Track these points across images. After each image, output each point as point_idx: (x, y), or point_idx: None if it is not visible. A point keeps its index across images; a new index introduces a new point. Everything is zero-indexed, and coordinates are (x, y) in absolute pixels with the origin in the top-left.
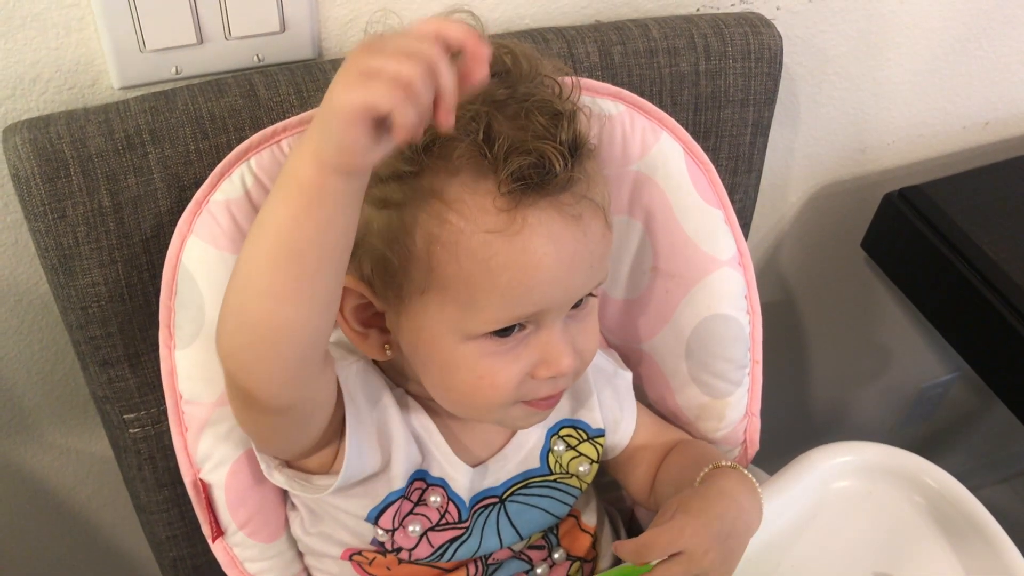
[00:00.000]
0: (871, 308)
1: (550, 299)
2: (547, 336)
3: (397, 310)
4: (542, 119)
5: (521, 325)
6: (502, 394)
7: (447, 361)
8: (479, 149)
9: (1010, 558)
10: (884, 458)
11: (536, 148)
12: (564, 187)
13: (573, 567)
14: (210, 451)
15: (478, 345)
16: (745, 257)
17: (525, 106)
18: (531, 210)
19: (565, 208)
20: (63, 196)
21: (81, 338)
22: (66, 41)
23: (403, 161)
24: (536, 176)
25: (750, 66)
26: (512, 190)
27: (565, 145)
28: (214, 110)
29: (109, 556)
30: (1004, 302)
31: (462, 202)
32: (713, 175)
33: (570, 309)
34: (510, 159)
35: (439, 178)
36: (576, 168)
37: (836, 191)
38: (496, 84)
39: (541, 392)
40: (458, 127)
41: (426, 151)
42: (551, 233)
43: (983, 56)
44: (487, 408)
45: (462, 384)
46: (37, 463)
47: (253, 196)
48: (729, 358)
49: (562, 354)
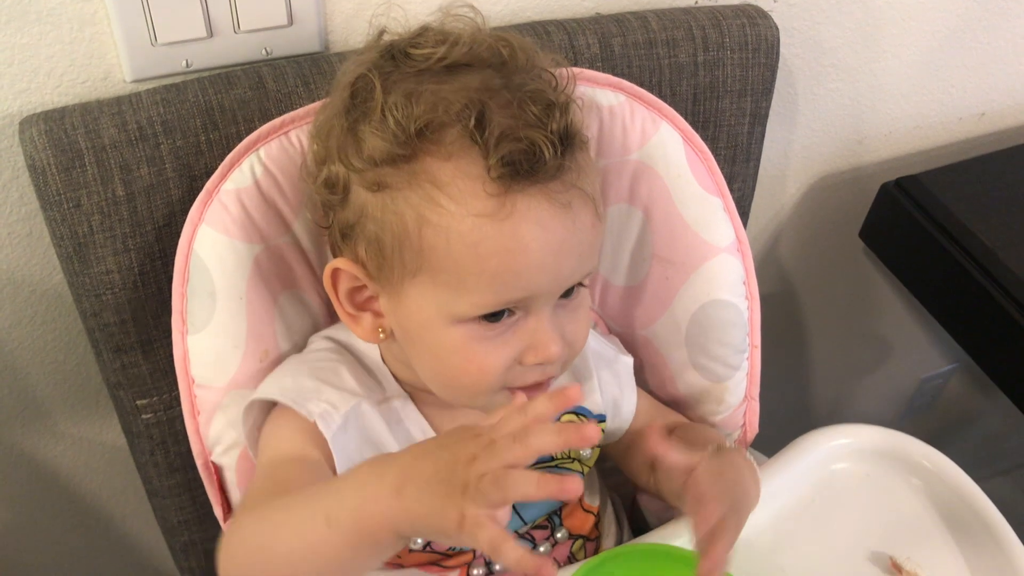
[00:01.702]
0: (870, 299)
1: (538, 285)
2: (536, 323)
3: (389, 293)
4: (535, 108)
5: (510, 311)
6: (489, 379)
7: (437, 344)
8: (471, 135)
9: (1005, 538)
10: (882, 440)
11: (527, 136)
12: (554, 175)
13: (576, 544)
14: (221, 434)
15: (467, 329)
16: (743, 244)
17: (519, 95)
18: (520, 196)
19: (555, 196)
20: (78, 185)
21: (95, 325)
22: (79, 35)
23: (397, 145)
24: (526, 163)
25: (747, 57)
26: (502, 175)
27: (556, 134)
28: (224, 102)
29: (120, 545)
30: (1000, 290)
31: (453, 186)
32: (712, 163)
33: (560, 298)
34: (500, 145)
35: (431, 162)
36: (567, 157)
37: (834, 182)
38: (492, 74)
39: (529, 379)
40: (451, 113)
41: (419, 136)
42: (540, 219)
43: (979, 48)
44: (474, 392)
45: (451, 367)
46: (49, 452)
47: (262, 185)
48: (728, 343)
49: (550, 341)
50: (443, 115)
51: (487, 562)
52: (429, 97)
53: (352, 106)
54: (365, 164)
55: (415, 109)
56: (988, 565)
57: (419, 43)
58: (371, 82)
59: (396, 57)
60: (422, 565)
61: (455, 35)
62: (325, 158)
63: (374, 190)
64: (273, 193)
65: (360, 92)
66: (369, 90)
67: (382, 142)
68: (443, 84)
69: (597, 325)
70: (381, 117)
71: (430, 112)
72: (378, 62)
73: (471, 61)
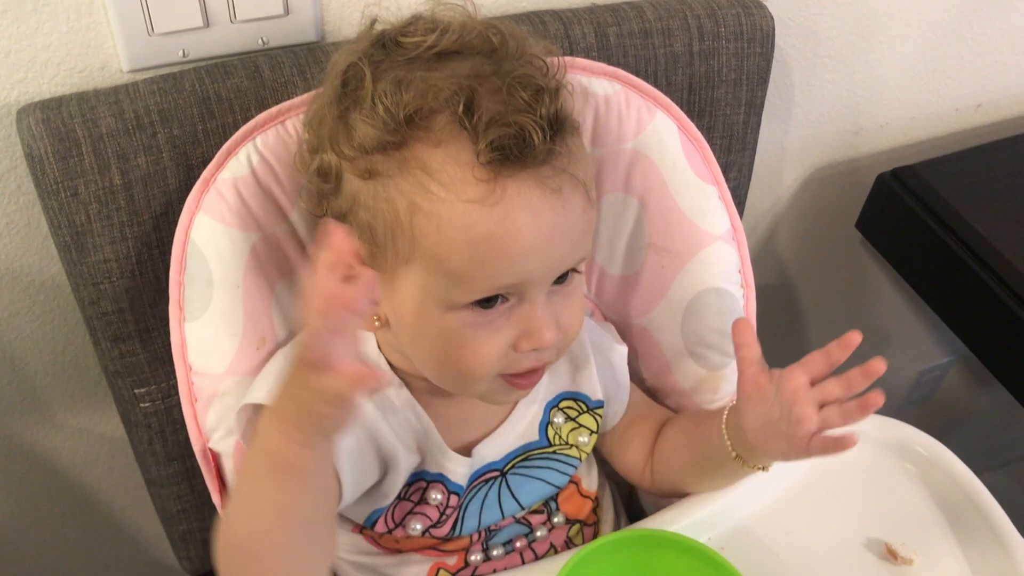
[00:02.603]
0: (868, 291)
1: (530, 270)
2: (530, 309)
3: (384, 282)
4: (524, 94)
5: (504, 298)
6: (485, 365)
7: (431, 332)
8: (460, 120)
9: (999, 523)
10: (876, 428)
11: (516, 121)
12: (544, 160)
13: (573, 529)
14: (219, 421)
15: (461, 316)
16: (739, 232)
17: (508, 81)
18: (510, 181)
19: (545, 181)
20: (76, 174)
21: (93, 314)
22: (76, 25)
23: (387, 132)
24: (515, 148)
25: (743, 46)
26: (491, 160)
27: (545, 119)
28: (220, 91)
29: (119, 534)
30: (996, 279)
31: (443, 172)
32: (707, 152)
33: (554, 284)
34: (490, 130)
35: (421, 148)
36: (557, 142)
37: (831, 173)
38: (482, 61)
39: (524, 365)
40: (440, 100)
41: (408, 122)
42: (530, 204)
43: (975, 39)
44: (470, 379)
45: (446, 355)
46: (48, 443)
47: (259, 174)
48: (724, 330)
49: (544, 327)
50: (432, 101)
51: (484, 548)
52: (419, 84)
53: (343, 95)
54: (356, 152)
55: (404, 96)
56: (983, 550)
57: (409, 32)
58: (361, 71)
59: (387, 46)
60: (420, 550)
61: (445, 23)
62: (317, 147)
63: (365, 178)
64: (270, 182)
65: (351, 81)
66: (359, 79)
67: (372, 129)
68: (433, 71)
69: (593, 313)
70: (371, 105)
71: (419, 99)
72: (369, 51)
73: (461, 49)
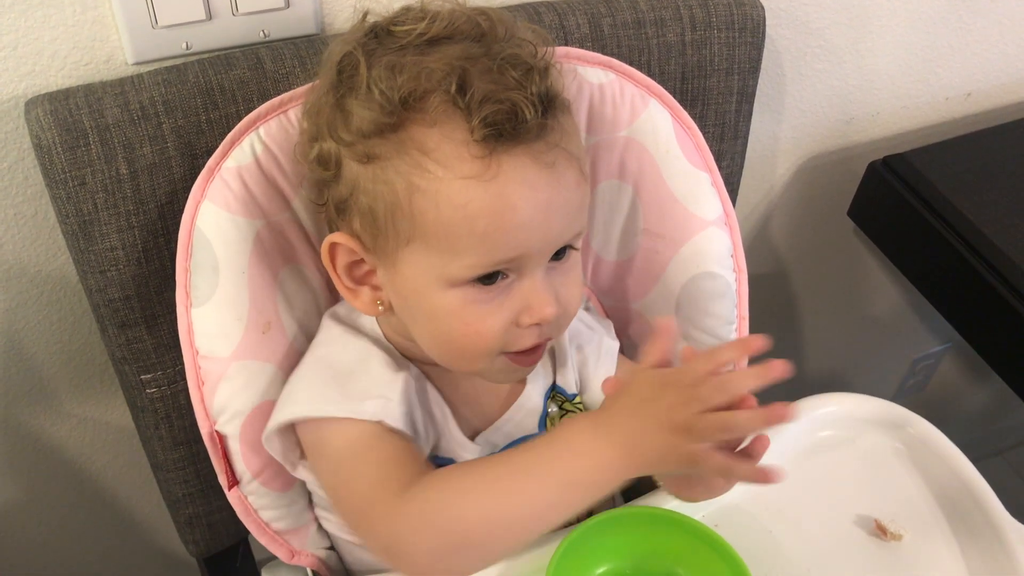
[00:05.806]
0: (861, 279)
1: (528, 244)
2: (530, 284)
3: (386, 264)
4: (514, 73)
5: (504, 274)
6: (487, 342)
7: (433, 310)
8: (453, 100)
9: (984, 498)
10: (867, 408)
11: (508, 97)
12: (537, 135)
13: None
14: (225, 404)
15: (462, 293)
16: (731, 218)
17: (498, 61)
18: (505, 157)
19: (539, 156)
20: (83, 164)
21: (100, 301)
22: (82, 19)
23: (383, 114)
24: (508, 124)
25: (734, 36)
26: (486, 136)
27: (536, 96)
28: (223, 82)
29: (125, 522)
30: (987, 266)
31: (439, 151)
32: (699, 139)
33: (552, 260)
34: (482, 107)
35: (417, 129)
36: (549, 118)
37: (823, 162)
38: (472, 45)
39: (526, 341)
40: (433, 81)
41: (403, 104)
42: (525, 179)
43: (964, 29)
44: (473, 356)
45: (448, 332)
46: (55, 432)
47: (262, 162)
48: (717, 314)
49: (545, 302)
50: (426, 83)
51: None
52: (412, 68)
53: (339, 83)
54: (354, 137)
55: (398, 79)
56: (970, 527)
57: (401, 21)
58: (356, 59)
59: (379, 35)
60: None
61: (435, 11)
62: (316, 136)
63: (364, 162)
64: (273, 170)
65: (346, 69)
66: (354, 66)
67: (369, 113)
68: (425, 56)
69: (591, 302)
70: (367, 90)
71: (413, 81)
72: (362, 40)
73: (451, 34)
